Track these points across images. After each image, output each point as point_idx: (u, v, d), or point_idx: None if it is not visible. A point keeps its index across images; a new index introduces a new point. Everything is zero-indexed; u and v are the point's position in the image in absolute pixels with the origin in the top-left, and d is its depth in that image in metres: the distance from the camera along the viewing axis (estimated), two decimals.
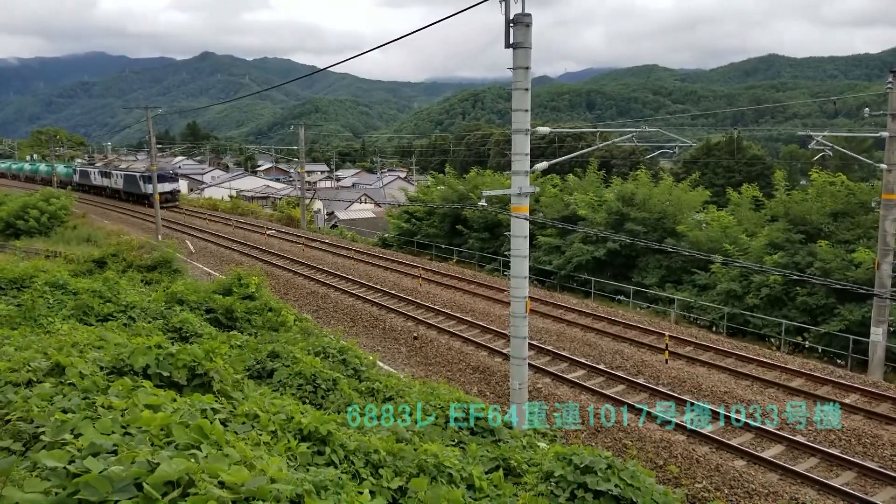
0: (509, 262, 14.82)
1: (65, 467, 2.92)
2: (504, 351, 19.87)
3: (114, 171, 70.58)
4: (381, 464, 5.59)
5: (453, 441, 8.68)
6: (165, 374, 6.18)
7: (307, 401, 9.09)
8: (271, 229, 46.37)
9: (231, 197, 69.28)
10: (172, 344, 6.92)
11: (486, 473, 6.81)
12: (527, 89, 13.37)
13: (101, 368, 5.87)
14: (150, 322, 12.35)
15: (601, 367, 19.29)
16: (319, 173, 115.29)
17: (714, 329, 24.45)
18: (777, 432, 14.97)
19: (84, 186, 77.30)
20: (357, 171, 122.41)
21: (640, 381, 18.22)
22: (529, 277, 15.02)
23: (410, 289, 28.87)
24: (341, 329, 23.68)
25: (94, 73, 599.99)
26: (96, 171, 76.39)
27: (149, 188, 57.72)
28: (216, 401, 5.18)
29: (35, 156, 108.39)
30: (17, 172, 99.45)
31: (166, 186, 60.62)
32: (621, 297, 28.30)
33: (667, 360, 19.57)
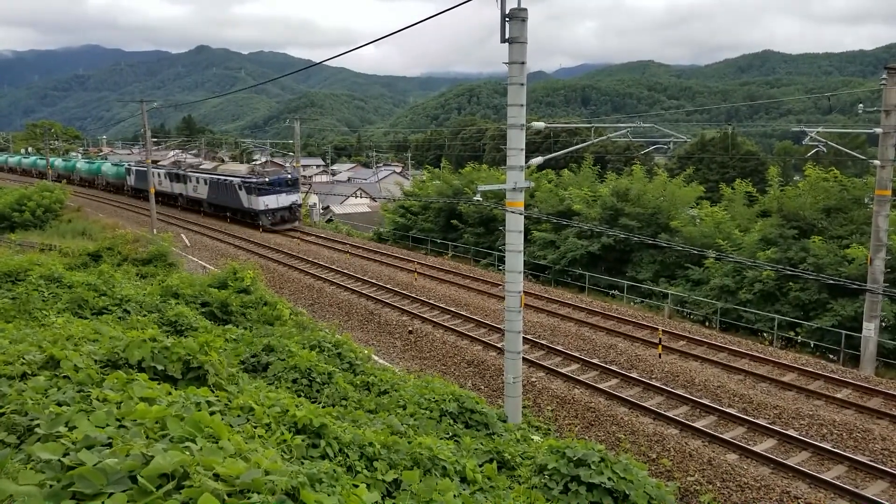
0: (504, 256, 14.85)
1: (59, 460, 2.94)
2: (498, 345, 19.92)
3: (192, 174, 50.68)
4: (375, 457, 5.63)
5: (447, 434, 8.73)
6: (160, 367, 6.20)
7: (302, 394, 9.12)
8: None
9: None
10: (167, 337, 6.94)
11: (480, 466, 6.85)
12: (522, 84, 13.37)
13: (96, 362, 5.88)
14: (145, 315, 12.35)
15: (595, 361, 19.36)
16: (315, 167, 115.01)
17: (707, 324, 24.55)
18: (769, 426, 15.07)
19: (142, 192, 56.51)
20: (352, 165, 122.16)
21: (634, 375, 18.31)
22: (524, 272, 15.05)
23: (405, 283, 28.88)
24: (336, 323, 23.71)
25: (88, 66, 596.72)
26: (162, 171, 55.09)
27: (260, 202, 42.34)
28: (211, 394, 5.20)
29: (31, 148, 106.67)
30: (42, 170, 76.72)
31: (282, 199, 43.31)
32: (615, 292, 28.37)
33: (660, 355, 19.65)
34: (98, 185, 67.91)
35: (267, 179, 42.76)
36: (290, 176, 45.29)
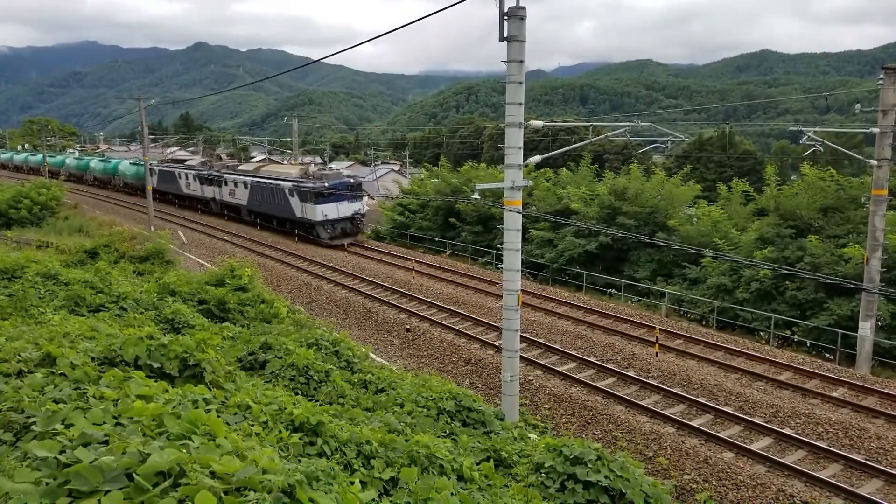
0: (502, 255, 14.87)
1: (55, 457, 2.93)
2: (496, 343, 19.93)
3: (228, 176, 44.75)
4: (372, 455, 5.62)
5: (445, 432, 8.73)
6: (157, 365, 6.19)
7: (299, 392, 9.11)
8: None
9: None
10: (164, 335, 6.93)
11: (477, 464, 6.85)
12: (521, 83, 13.37)
13: (93, 359, 5.87)
14: (141, 313, 12.32)
15: (592, 359, 19.38)
16: (313, 165, 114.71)
17: (704, 322, 24.59)
18: (765, 425, 15.10)
19: (166, 195, 53.53)
20: (351, 163, 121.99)
21: (631, 373, 18.33)
22: (522, 271, 15.07)
23: (403, 281, 28.88)
24: (334, 321, 23.72)
25: (86, 63, 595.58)
26: (190, 173, 49.96)
27: (317, 212, 35.93)
28: (208, 392, 5.19)
29: (28, 144, 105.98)
30: (53, 168, 69.58)
31: (343, 208, 36.78)
32: (612, 291, 28.40)
33: (657, 353, 19.68)
34: (115, 185, 62.20)
35: (326, 184, 36.24)
36: (352, 180, 38.80)
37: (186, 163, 54.35)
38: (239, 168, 47.22)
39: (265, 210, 41.37)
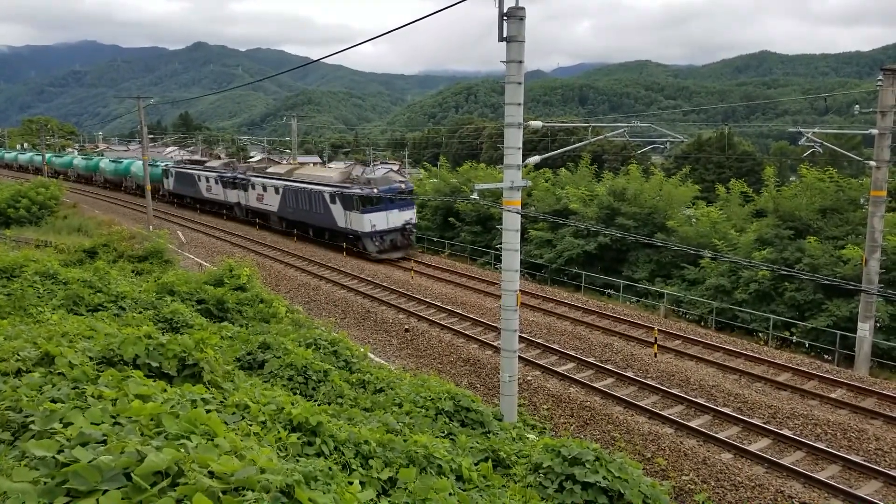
0: (501, 255, 14.87)
1: (54, 457, 2.93)
2: (494, 343, 19.93)
3: (255, 179, 40.98)
4: (370, 455, 5.62)
5: (443, 433, 8.73)
6: (155, 364, 6.19)
7: (298, 392, 9.10)
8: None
9: None
10: (163, 334, 6.92)
11: (476, 465, 6.85)
12: (520, 83, 13.38)
13: (91, 358, 5.87)
14: (140, 312, 12.31)
15: (591, 360, 19.38)
16: (312, 165, 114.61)
17: (703, 323, 24.59)
18: (764, 426, 15.11)
19: (183, 198, 51.25)
20: (350, 162, 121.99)
21: (629, 374, 18.33)
22: (520, 271, 15.07)
23: (402, 281, 28.87)
24: (332, 321, 23.69)
25: (85, 62, 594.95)
26: (212, 175, 46.34)
27: (364, 222, 31.62)
28: (207, 391, 5.19)
29: (27, 143, 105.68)
30: (59, 168, 68.39)
31: (394, 217, 32.55)
32: (611, 291, 28.41)
33: (656, 354, 19.69)
34: (127, 188, 59.77)
35: (376, 190, 31.71)
36: (404, 185, 33.73)
37: (207, 164, 51.25)
38: (268, 170, 42.80)
39: (300, 218, 37.32)
